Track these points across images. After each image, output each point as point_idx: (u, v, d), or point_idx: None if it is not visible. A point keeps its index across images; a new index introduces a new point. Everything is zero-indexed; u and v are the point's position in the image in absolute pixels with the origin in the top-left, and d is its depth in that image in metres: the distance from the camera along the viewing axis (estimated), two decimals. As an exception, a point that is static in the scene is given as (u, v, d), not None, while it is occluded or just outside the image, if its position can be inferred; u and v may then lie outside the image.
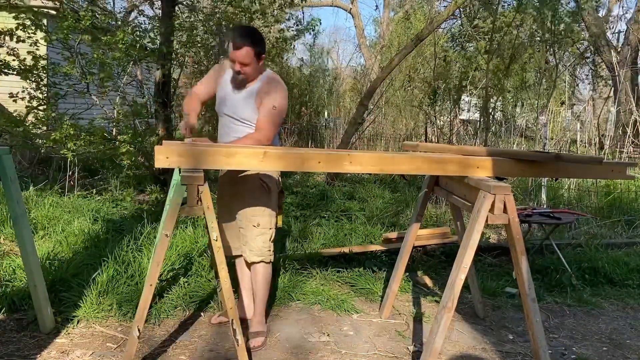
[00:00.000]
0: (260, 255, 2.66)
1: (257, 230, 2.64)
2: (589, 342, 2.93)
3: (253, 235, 2.64)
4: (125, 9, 8.79)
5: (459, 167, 2.38)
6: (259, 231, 2.64)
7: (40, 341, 2.60)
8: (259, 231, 2.64)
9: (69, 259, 3.41)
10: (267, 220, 2.65)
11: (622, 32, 14.07)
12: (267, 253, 2.68)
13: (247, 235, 2.66)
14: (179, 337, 2.75)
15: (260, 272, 2.71)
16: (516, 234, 2.29)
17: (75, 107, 6.18)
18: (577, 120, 9.28)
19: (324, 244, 4.28)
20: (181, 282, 3.33)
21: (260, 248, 2.65)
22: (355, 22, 18.57)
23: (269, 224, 2.66)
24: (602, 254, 4.14)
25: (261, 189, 2.63)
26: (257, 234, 2.64)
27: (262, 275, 2.71)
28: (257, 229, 2.64)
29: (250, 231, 2.64)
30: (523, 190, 6.21)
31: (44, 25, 5.56)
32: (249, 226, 2.64)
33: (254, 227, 2.63)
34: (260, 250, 2.65)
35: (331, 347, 2.73)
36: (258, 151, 2.25)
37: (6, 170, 2.37)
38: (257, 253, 2.65)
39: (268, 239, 2.67)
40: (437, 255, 4.15)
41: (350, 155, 2.31)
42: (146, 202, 5.49)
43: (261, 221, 2.64)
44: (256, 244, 2.64)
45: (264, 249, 2.66)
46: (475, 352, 2.74)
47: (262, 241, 2.65)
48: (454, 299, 2.25)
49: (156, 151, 2.12)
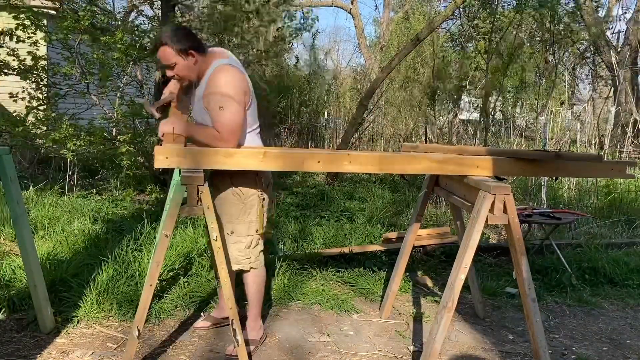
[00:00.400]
0: (237, 264, 2.55)
1: (230, 238, 2.53)
2: (589, 342, 2.93)
3: (228, 243, 2.53)
4: (125, 9, 8.78)
5: (458, 167, 2.38)
6: (232, 239, 2.52)
7: (40, 341, 2.60)
8: (233, 239, 2.52)
9: (69, 259, 3.41)
10: (241, 228, 2.52)
11: (622, 32, 14.08)
12: (245, 261, 2.55)
13: (226, 244, 2.55)
14: (179, 337, 2.75)
15: (247, 280, 2.63)
16: (516, 234, 2.29)
17: (75, 107, 6.18)
18: (577, 120, 9.28)
19: (324, 244, 4.28)
20: (181, 282, 3.33)
21: (235, 257, 2.53)
22: (355, 22, 18.59)
23: (246, 231, 2.53)
24: (602, 254, 4.14)
25: (234, 195, 2.50)
26: (231, 242, 2.53)
27: (250, 283, 2.62)
28: (231, 237, 2.52)
29: (227, 239, 2.53)
30: (523, 190, 6.21)
31: (44, 25, 5.56)
32: (225, 234, 2.53)
33: (228, 235, 2.52)
34: (236, 259, 2.54)
35: (331, 347, 2.73)
36: (257, 151, 2.25)
37: (6, 170, 2.37)
38: (234, 261, 2.54)
39: (244, 247, 2.53)
40: (437, 255, 4.14)
41: (350, 155, 2.31)
42: (146, 202, 5.49)
43: (235, 229, 2.52)
44: (231, 253, 2.54)
45: (239, 257, 2.54)
46: (475, 352, 2.74)
47: (236, 250, 2.53)
48: (454, 299, 2.25)
49: (156, 151, 2.12)
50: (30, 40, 5.33)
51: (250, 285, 2.63)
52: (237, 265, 2.55)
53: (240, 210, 2.51)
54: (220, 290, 2.78)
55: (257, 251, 2.59)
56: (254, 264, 2.58)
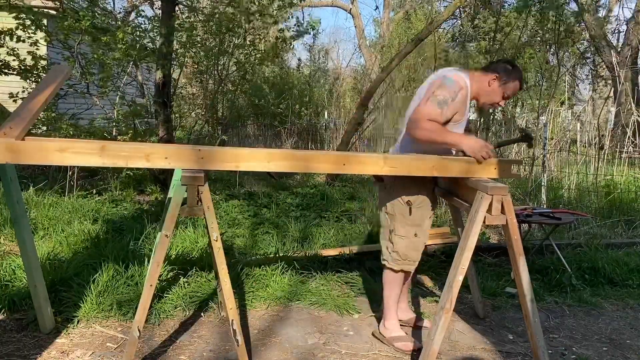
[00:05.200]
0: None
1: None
2: (589, 342, 2.93)
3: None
4: (125, 9, 8.79)
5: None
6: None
7: (40, 341, 2.60)
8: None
9: (69, 259, 3.41)
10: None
11: (622, 33, 14.07)
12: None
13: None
14: (179, 337, 2.75)
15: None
16: (514, 235, 2.29)
17: (75, 107, 6.19)
18: (577, 121, 9.28)
19: (324, 244, 4.28)
20: (181, 282, 3.33)
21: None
22: (355, 22, 18.57)
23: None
24: (602, 254, 4.14)
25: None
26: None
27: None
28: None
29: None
30: (523, 190, 6.20)
31: (44, 25, 5.56)
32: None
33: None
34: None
35: (331, 347, 2.73)
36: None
37: (6, 170, 2.37)
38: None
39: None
40: (437, 255, 4.14)
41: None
42: (146, 202, 5.49)
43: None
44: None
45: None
46: (475, 352, 2.74)
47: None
48: (452, 300, 2.25)
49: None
50: (30, 40, 5.34)
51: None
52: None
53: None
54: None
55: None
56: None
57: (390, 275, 2.77)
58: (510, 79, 2.57)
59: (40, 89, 2.30)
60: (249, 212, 5.28)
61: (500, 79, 2.58)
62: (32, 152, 2.05)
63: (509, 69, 2.59)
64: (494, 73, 2.59)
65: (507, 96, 2.62)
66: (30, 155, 2.05)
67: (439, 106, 2.44)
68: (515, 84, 2.59)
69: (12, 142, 2.02)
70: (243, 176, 7.10)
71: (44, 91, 2.29)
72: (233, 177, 6.99)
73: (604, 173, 6.58)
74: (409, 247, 2.68)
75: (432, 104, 2.44)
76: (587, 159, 7.09)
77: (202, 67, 8.08)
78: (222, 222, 4.80)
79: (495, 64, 2.66)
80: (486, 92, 2.60)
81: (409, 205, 2.63)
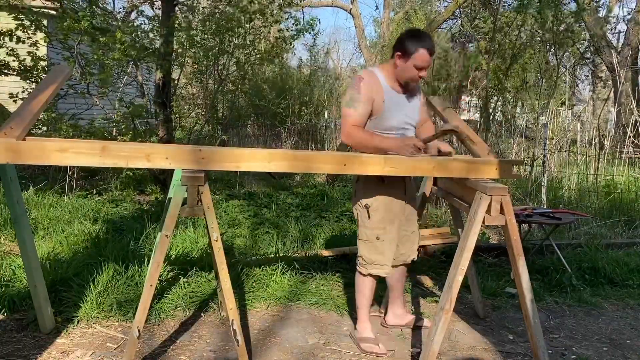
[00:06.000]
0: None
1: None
2: (589, 342, 2.93)
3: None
4: (125, 9, 8.79)
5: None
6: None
7: (40, 341, 2.60)
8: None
9: (69, 259, 3.41)
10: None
11: (622, 33, 14.08)
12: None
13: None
14: (179, 337, 2.76)
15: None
16: (513, 235, 2.29)
17: (75, 108, 6.19)
18: (577, 121, 9.28)
19: (324, 244, 4.28)
20: (181, 282, 3.33)
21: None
22: (355, 23, 18.55)
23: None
24: (602, 254, 4.14)
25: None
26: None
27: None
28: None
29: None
30: (523, 190, 6.21)
31: (44, 25, 5.56)
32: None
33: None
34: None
35: (331, 347, 2.73)
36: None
37: (6, 170, 2.37)
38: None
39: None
40: (437, 255, 4.15)
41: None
42: (146, 202, 5.49)
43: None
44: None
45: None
46: (475, 352, 2.74)
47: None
48: (452, 301, 2.25)
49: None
50: (30, 41, 5.33)
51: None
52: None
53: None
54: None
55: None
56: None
57: (359, 279, 2.78)
58: (411, 50, 2.48)
59: (40, 89, 2.31)
60: (249, 212, 5.28)
61: (402, 56, 2.51)
62: (33, 152, 2.05)
63: (406, 42, 2.51)
64: (395, 52, 2.54)
65: (421, 67, 2.51)
66: (31, 155, 2.06)
67: (348, 106, 2.52)
68: (419, 52, 2.47)
69: (12, 142, 2.02)
70: (243, 176, 7.10)
71: (44, 91, 2.29)
72: (233, 177, 7.00)
73: (604, 173, 6.58)
74: (371, 251, 2.66)
75: (345, 107, 2.54)
76: (587, 159, 7.09)
77: (202, 67, 8.08)
78: (222, 222, 4.81)
79: (394, 45, 2.60)
80: (399, 73, 2.55)
81: (367, 209, 2.64)
